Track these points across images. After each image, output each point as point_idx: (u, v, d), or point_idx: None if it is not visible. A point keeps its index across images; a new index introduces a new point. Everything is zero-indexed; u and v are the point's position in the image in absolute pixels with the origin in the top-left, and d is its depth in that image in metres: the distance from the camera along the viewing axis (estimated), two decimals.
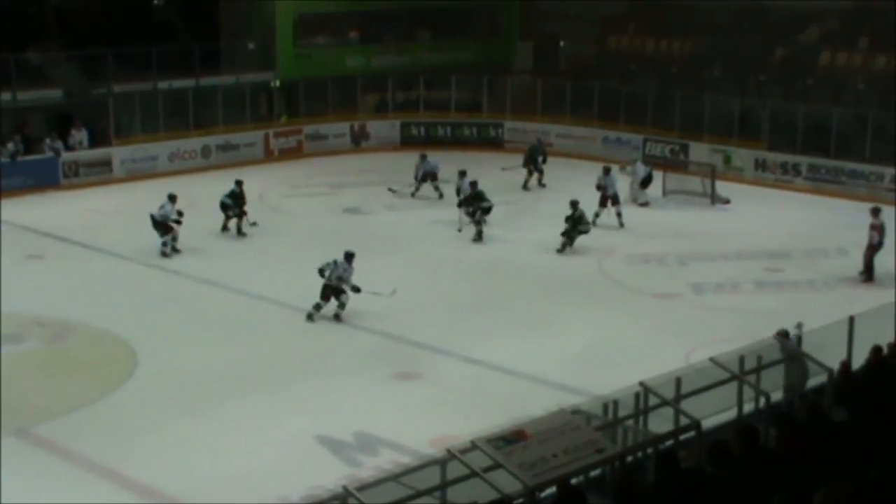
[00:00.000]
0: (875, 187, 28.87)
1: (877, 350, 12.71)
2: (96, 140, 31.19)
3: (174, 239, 23.66)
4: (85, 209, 27.32)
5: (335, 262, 19.71)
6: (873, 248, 22.08)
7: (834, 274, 22.44)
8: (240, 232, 25.15)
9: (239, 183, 25.41)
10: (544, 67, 39.17)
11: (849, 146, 30.00)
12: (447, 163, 29.90)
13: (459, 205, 25.58)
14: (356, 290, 19.55)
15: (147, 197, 26.67)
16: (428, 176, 28.73)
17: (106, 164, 30.88)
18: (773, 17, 35.56)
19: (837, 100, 31.71)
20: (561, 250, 23.68)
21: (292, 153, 34.25)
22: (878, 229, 22.09)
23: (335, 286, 19.60)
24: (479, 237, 24.74)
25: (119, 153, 31.16)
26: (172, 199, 23.86)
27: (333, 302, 19.59)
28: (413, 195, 28.72)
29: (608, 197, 26.17)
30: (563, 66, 39.81)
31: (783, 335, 13.92)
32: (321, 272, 19.58)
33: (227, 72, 34.61)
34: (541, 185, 30.15)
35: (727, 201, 28.43)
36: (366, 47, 37.71)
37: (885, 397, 10.03)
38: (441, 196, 28.40)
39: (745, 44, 35.08)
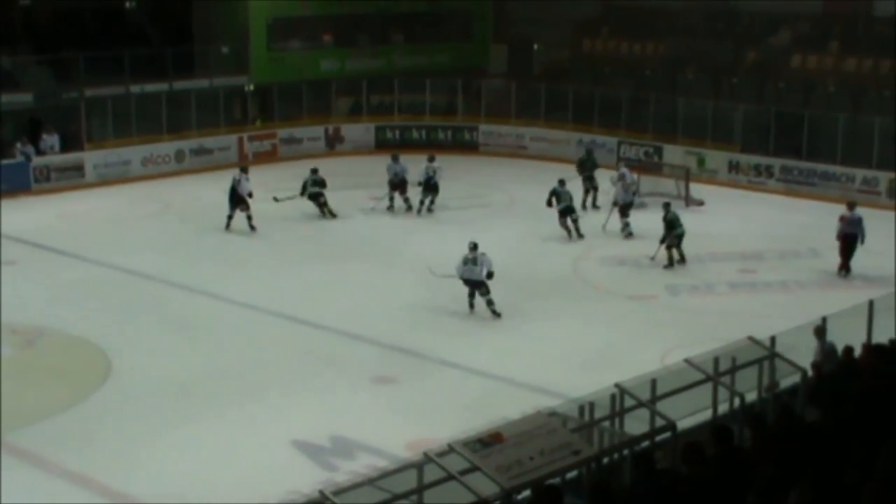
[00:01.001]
0: (847, 188, 29.03)
1: (848, 350, 12.80)
2: (68, 144, 31.00)
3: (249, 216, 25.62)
4: (57, 214, 27.18)
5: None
6: (843, 239, 22.50)
7: (807, 275, 22.57)
8: (331, 213, 27.16)
9: (315, 170, 27.35)
10: (518, 71, 39.23)
11: (820, 148, 30.20)
12: (423, 167, 29.95)
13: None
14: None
15: (119, 202, 26.66)
16: (397, 185, 28.43)
17: (78, 168, 30.71)
18: (744, 20, 35.80)
19: (809, 102, 31.90)
20: (669, 265, 22.73)
21: (266, 157, 34.17)
22: (843, 220, 22.63)
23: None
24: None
25: (91, 158, 31.00)
26: (245, 171, 26.06)
27: None
28: (389, 208, 28.33)
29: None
30: (538, 69, 39.89)
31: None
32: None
33: (201, 75, 34.49)
34: (595, 206, 27.94)
35: (701, 203, 28.54)
36: (340, 51, 37.67)
37: (856, 398, 10.09)
38: (409, 208, 27.93)
39: (718, 47, 35.29)
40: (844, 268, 22.60)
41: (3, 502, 12.92)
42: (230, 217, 25.68)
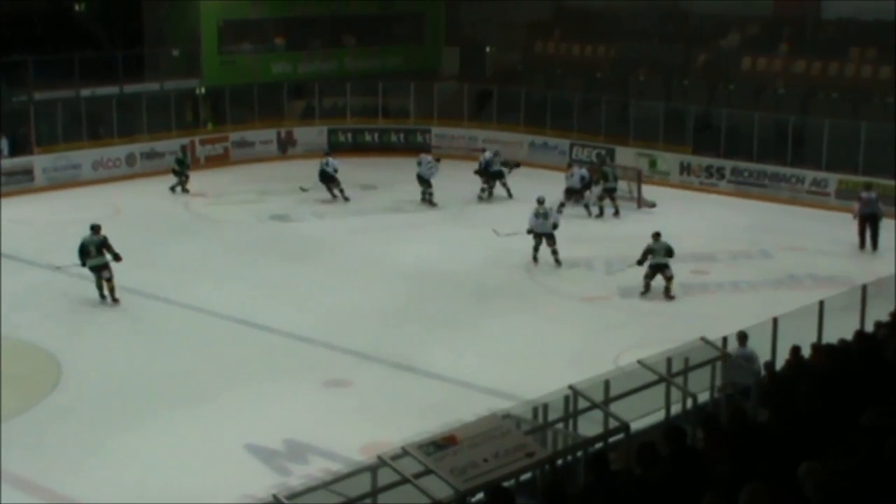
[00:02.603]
0: (796, 190, 29.35)
1: (795, 350, 12.92)
2: (17, 148, 30.66)
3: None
4: (6, 219, 26.84)
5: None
6: (861, 220, 24.39)
7: (758, 276, 22.75)
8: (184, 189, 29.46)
9: (183, 148, 28.17)
10: (471, 73, 39.29)
11: (770, 150, 30.47)
12: (377, 169, 30.00)
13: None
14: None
15: (70, 206, 26.40)
16: (327, 179, 29.01)
17: (27, 172, 30.38)
18: (695, 22, 36.04)
19: (759, 104, 32.18)
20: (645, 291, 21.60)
21: (218, 160, 34.00)
22: (862, 201, 24.56)
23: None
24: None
25: (41, 161, 30.68)
26: (329, 154, 29.67)
27: None
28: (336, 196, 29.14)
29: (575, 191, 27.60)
30: (490, 71, 39.97)
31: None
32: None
33: (151, 79, 34.24)
34: (615, 213, 27.94)
35: (653, 205, 28.69)
36: (291, 53, 37.55)
37: (803, 397, 10.18)
38: (335, 197, 28.99)
39: (669, 49, 35.52)
40: (863, 245, 24.30)
41: None
42: (335, 195, 28.86)
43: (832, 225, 26.03)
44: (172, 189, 29.76)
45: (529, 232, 23.20)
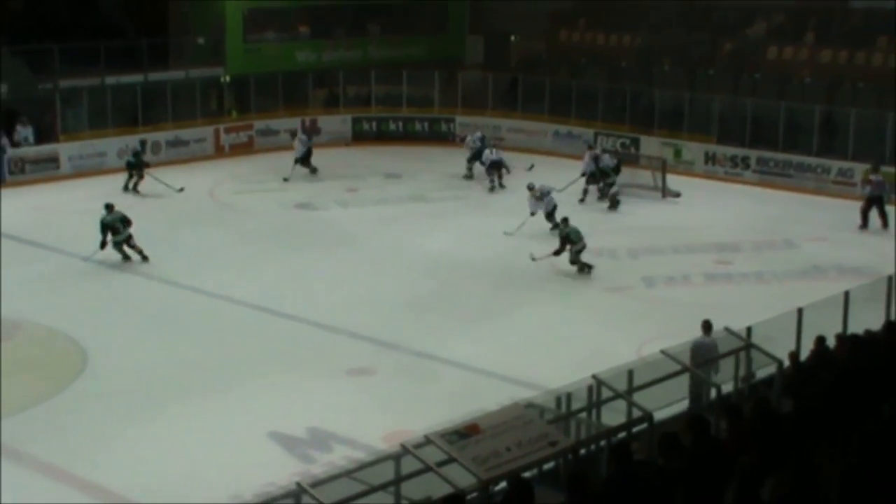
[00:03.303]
0: (822, 180, 29.18)
1: (820, 340, 12.87)
2: (42, 136, 30.78)
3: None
4: (31, 206, 27.00)
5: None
6: (868, 201, 25.18)
7: (782, 266, 22.65)
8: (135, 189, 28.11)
9: (143, 142, 27.94)
10: (495, 62, 39.21)
11: (796, 139, 30.31)
12: (400, 158, 30.07)
13: None
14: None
15: (94, 194, 26.47)
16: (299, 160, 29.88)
17: (53, 160, 30.52)
18: (720, 12, 35.87)
19: (784, 94, 32.00)
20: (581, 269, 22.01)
21: (243, 149, 34.05)
22: (871, 184, 25.33)
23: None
24: None
25: (66, 149, 30.79)
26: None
27: None
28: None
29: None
30: (514, 60, 39.88)
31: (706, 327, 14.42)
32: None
33: (176, 67, 34.31)
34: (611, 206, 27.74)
35: (677, 195, 28.60)
36: (316, 42, 37.56)
37: (827, 388, 10.14)
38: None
39: (694, 38, 35.35)
40: (865, 225, 25.10)
41: None
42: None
43: (858, 215, 25.88)
44: (125, 188, 28.20)
45: (550, 215, 24.41)
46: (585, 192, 27.80)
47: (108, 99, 31.91)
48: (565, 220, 22.59)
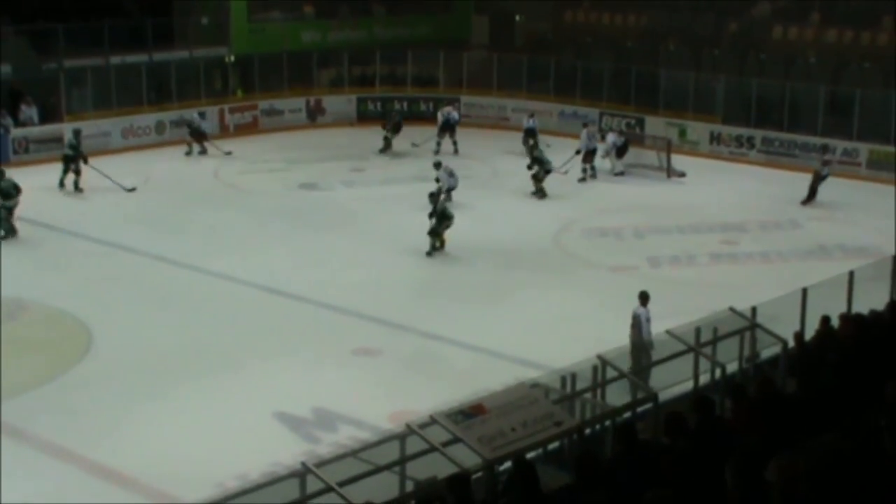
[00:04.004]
0: (827, 160, 29.09)
1: (825, 320, 12.87)
2: (47, 116, 30.79)
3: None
4: (36, 186, 26.93)
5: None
6: (818, 177, 25.76)
7: (787, 246, 22.65)
8: (77, 188, 26.60)
9: (77, 133, 27.11)
10: (500, 42, 39.12)
11: (801, 119, 30.25)
12: (406, 137, 30.10)
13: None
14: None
15: (99, 174, 26.47)
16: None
17: (57, 140, 30.44)
18: None
19: (790, 73, 31.92)
20: (430, 252, 21.92)
21: (247, 129, 34.01)
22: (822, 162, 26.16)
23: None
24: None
25: (70, 129, 30.75)
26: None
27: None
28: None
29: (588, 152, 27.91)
30: (519, 41, 39.78)
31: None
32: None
33: (181, 47, 34.26)
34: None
35: (683, 175, 28.58)
36: (321, 22, 37.48)
37: (832, 367, 10.15)
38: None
39: (699, 18, 35.25)
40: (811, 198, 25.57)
41: None
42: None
43: (863, 195, 25.85)
44: (61, 184, 26.76)
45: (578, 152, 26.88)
46: (584, 170, 27.77)
47: (113, 79, 31.89)
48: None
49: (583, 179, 27.73)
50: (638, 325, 15.27)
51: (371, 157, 30.23)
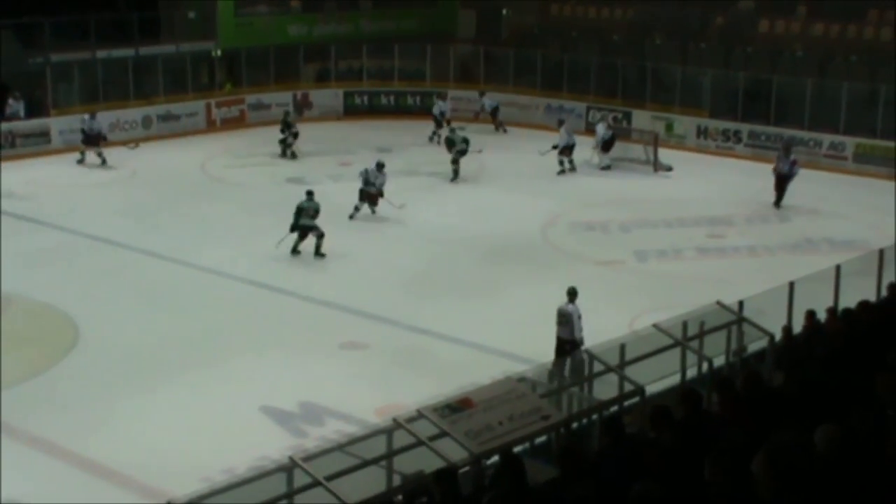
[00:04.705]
0: (814, 153, 29.18)
1: (811, 314, 12.90)
2: (33, 110, 30.70)
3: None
4: (23, 180, 26.90)
5: (366, 170, 23.71)
6: (782, 178, 24.96)
7: (774, 240, 22.70)
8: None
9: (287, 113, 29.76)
10: (487, 36, 39.11)
11: (788, 113, 30.31)
12: (392, 132, 30.03)
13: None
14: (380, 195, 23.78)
15: (86, 168, 26.42)
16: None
17: (44, 134, 30.42)
18: None
19: (776, 67, 31.98)
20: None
21: (234, 123, 33.96)
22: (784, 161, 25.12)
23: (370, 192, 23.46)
24: None
25: (57, 123, 30.70)
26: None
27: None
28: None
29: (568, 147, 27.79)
30: (506, 34, 39.77)
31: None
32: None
33: (167, 41, 34.20)
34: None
35: (669, 168, 28.61)
36: (307, 16, 37.44)
37: (818, 361, 10.17)
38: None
39: (686, 12, 35.28)
40: (779, 202, 24.83)
41: None
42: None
43: (849, 189, 25.92)
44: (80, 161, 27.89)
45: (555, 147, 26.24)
46: (562, 163, 27.76)
47: (99, 73, 31.82)
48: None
49: (561, 172, 27.77)
50: (568, 322, 15.35)
51: (358, 151, 30.16)
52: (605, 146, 28.66)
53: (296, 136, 30.03)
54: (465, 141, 27.72)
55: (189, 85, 33.72)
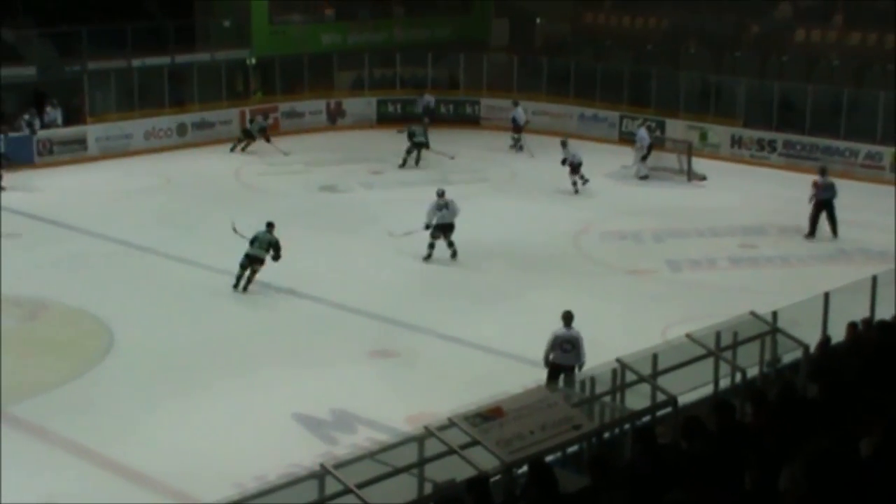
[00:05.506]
0: (849, 164, 28.99)
1: (852, 326, 12.79)
2: (70, 118, 30.97)
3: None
4: (59, 187, 27.15)
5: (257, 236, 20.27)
6: (817, 205, 23.30)
7: (808, 250, 22.55)
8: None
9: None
10: (520, 45, 39.10)
11: (823, 123, 30.10)
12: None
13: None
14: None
15: (121, 175, 26.63)
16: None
17: (80, 142, 30.68)
18: None
19: (812, 76, 31.79)
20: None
21: (268, 130, 34.05)
22: (817, 186, 23.41)
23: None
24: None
25: (94, 131, 30.96)
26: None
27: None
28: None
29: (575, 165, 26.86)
30: (539, 43, 39.75)
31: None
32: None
33: (202, 49, 34.40)
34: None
35: (703, 178, 28.50)
36: (341, 24, 37.56)
37: (860, 373, 10.09)
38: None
39: (720, 20, 35.15)
40: (813, 233, 23.28)
41: (2, 473, 12.94)
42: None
43: (886, 199, 25.70)
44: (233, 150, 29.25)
45: (428, 227, 21.59)
46: (574, 183, 26.92)
47: (135, 81, 32.07)
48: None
49: (576, 192, 27.07)
50: (575, 347, 14.91)
51: (390, 159, 30.22)
52: (644, 156, 28.59)
53: (251, 140, 31.27)
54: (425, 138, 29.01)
55: (223, 92, 33.90)
